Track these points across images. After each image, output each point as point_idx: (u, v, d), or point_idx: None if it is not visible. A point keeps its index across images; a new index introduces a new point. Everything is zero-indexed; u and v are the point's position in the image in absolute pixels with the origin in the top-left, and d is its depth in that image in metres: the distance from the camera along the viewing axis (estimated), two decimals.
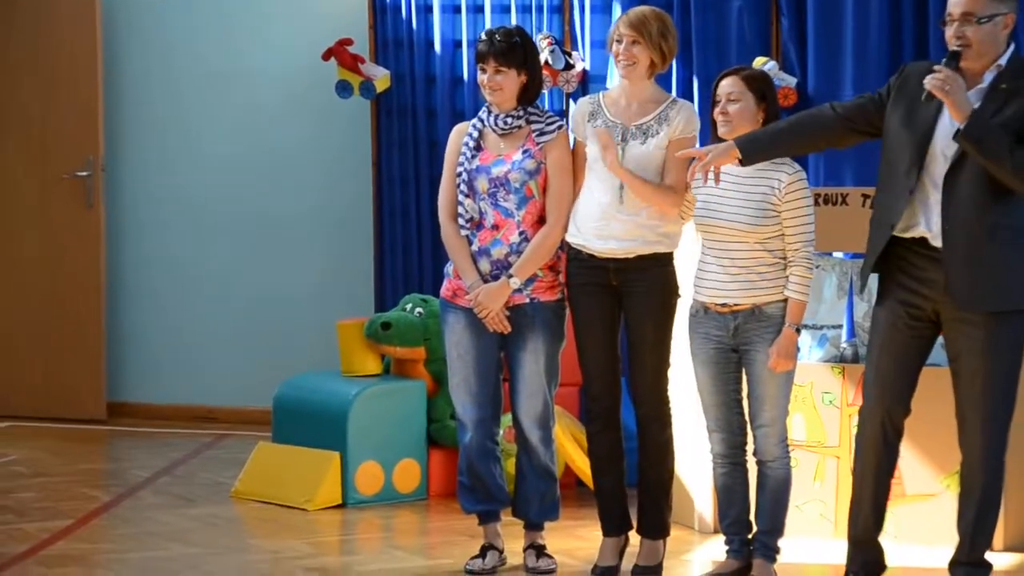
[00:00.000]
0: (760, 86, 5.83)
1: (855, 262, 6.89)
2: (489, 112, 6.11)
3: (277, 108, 9.53)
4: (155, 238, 9.81)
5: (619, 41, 5.92)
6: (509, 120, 6.07)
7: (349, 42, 8.94)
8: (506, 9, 8.84)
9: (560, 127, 6.08)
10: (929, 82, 5.30)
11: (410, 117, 9.02)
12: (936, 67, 5.32)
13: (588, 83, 8.63)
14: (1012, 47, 5.42)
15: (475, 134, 6.12)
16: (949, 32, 5.38)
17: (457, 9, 8.91)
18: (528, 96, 6.09)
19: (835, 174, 8.03)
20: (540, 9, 8.81)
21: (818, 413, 6.61)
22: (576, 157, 6.06)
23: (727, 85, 5.83)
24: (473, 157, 6.09)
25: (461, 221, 6.07)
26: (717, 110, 5.83)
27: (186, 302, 9.73)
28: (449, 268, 6.17)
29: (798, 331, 5.73)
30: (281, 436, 7.61)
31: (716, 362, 5.83)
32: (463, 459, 6.19)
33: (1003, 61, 5.38)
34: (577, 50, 8.74)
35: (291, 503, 7.29)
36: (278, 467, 7.48)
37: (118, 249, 9.82)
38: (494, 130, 6.09)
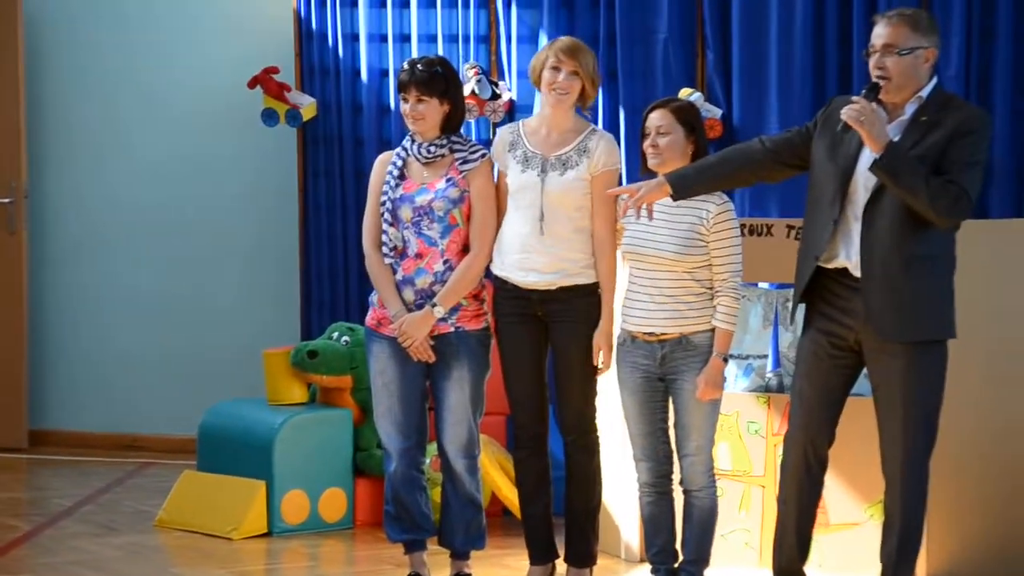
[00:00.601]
0: (689, 118, 5.87)
1: (780, 292, 6.95)
2: (413, 141, 6.12)
3: (204, 135, 9.48)
4: (79, 265, 9.74)
5: (556, 69, 5.94)
6: (432, 149, 6.08)
7: (275, 70, 8.92)
8: (433, 39, 8.85)
9: (483, 156, 6.10)
10: (846, 113, 5.34)
11: (336, 145, 9.01)
12: (855, 99, 5.38)
13: (515, 112, 8.65)
14: (935, 80, 5.49)
15: (399, 163, 6.12)
16: (871, 63, 5.45)
17: (384, 38, 8.92)
18: (451, 125, 6.10)
19: (760, 205, 8.09)
20: (467, 39, 8.83)
21: (743, 443, 6.65)
22: (500, 187, 6.08)
23: (657, 118, 5.86)
24: (397, 186, 6.09)
25: (385, 250, 6.07)
26: (647, 143, 5.85)
27: (110, 329, 9.66)
28: (374, 297, 6.16)
29: (725, 360, 5.77)
30: (206, 464, 7.57)
31: (643, 391, 5.85)
32: (388, 488, 6.18)
33: (924, 94, 5.43)
34: (504, 80, 8.77)
35: (216, 532, 7.24)
36: (203, 496, 7.43)
37: (41, 275, 9.74)
38: (418, 159, 6.10)
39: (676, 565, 5.92)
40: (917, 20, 5.43)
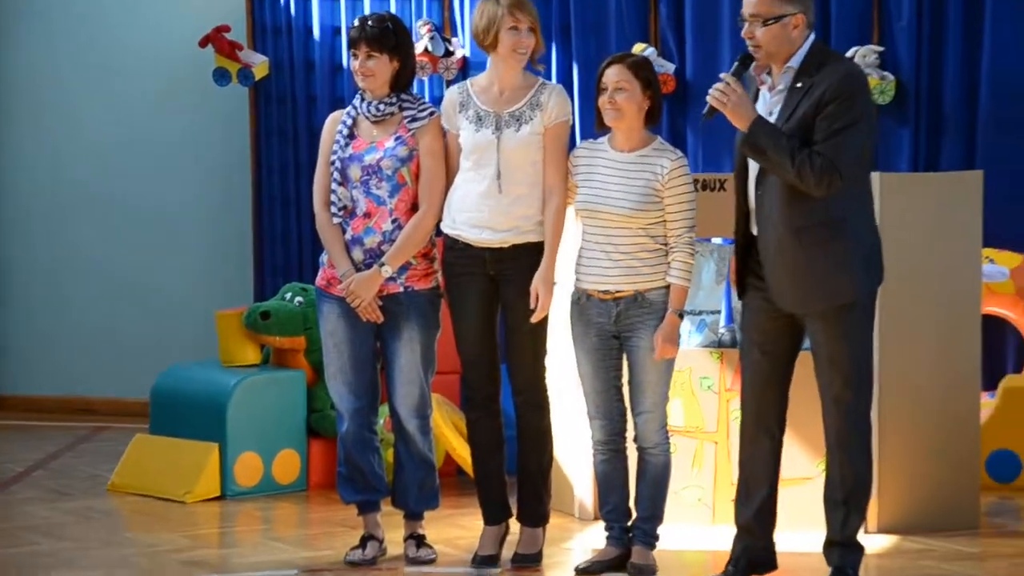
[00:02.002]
0: (646, 73, 5.82)
1: (733, 247, 6.92)
2: (363, 99, 6.07)
3: (155, 97, 9.43)
4: (30, 228, 9.68)
5: (515, 28, 5.86)
6: (382, 107, 6.03)
7: (226, 29, 8.86)
8: None
9: (432, 113, 6.05)
10: (710, 95, 5.34)
11: (289, 104, 8.96)
12: (722, 75, 5.36)
13: (468, 69, 8.61)
14: (808, 43, 5.39)
15: (349, 122, 6.07)
16: (742, 33, 5.41)
17: None
18: (401, 83, 6.05)
19: (713, 160, 8.08)
20: None
21: (696, 399, 6.64)
22: (448, 147, 6.03)
23: (613, 74, 5.79)
24: (346, 145, 6.04)
25: (334, 209, 6.03)
26: (604, 98, 5.79)
27: (62, 292, 9.60)
28: (324, 257, 6.13)
29: (681, 317, 5.75)
30: (159, 428, 7.53)
31: (598, 349, 5.83)
32: (341, 449, 6.15)
33: (793, 63, 5.37)
34: (457, 36, 8.72)
35: (169, 496, 7.21)
36: (156, 459, 7.39)
37: None
38: (367, 117, 6.05)
39: (630, 523, 5.91)
40: None
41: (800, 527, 6.13)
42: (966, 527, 6.51)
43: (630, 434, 5.90)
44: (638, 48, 8.05)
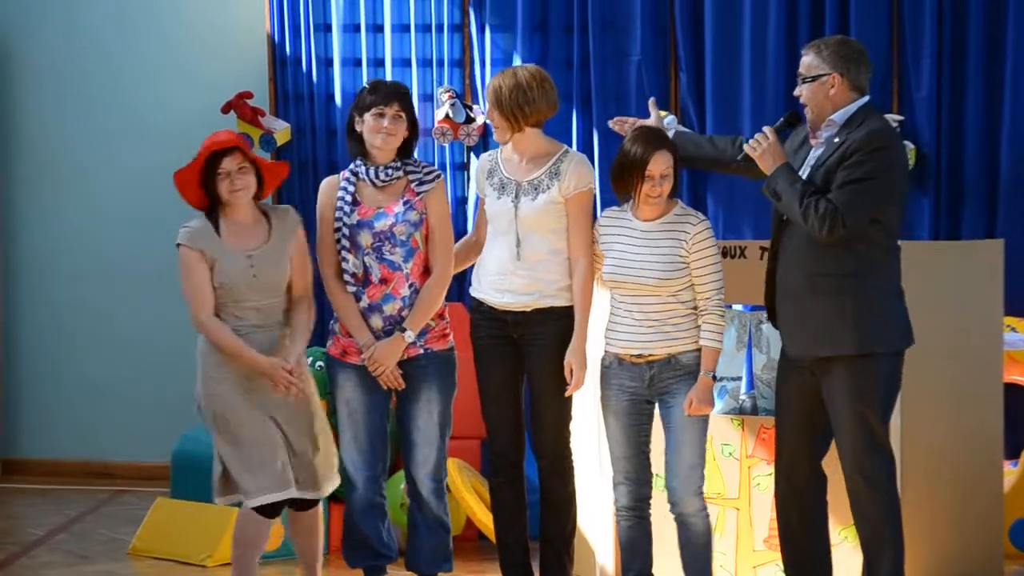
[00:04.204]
0: (678, 154, 5.83)
1: (754, 314, 6.94)
2: (365, 166, 6.07)
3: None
4: (51, 291, 9.70)
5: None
6: (389, 171, 6.04)
7: (249, 95, 8.91)
8: (407, 63, 8.85)
9: (438, 176, 6.08)
10: (747, 145, 5.62)
11: (311, 171, 8.99)
12: (764, 128, 5.62)
13: (488, 136, 8.65)
14: (859, 103, 5.61)
15: (350, 188, 6.07)
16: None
17: (358, 63, 8.92)
18: (407, 148, 6.08)
19: (734, 227, 8.10)
20: (441, 63, 8.83)
21: (718, 465, 6.63)
22: (480, 214, 6.06)
23: (663, 162, 5.72)
24: (351, 211, 6.04)
25: (346, 277, 6.01)
26: (651, 187, 5.71)
27: (82, 355, 9.61)
28: (335, 326, 6.12)
29: (714, 379, 5.75)
30: (180, 491, 7.53)
31: (629, 413, 5.81)
32: (348, 516, 6.16)
33: (836, 117, 5.59)
34: (478, 103, 8.76)
35: (190, 559, 7.20)
36: (177, 523, 7.39)
37: (13, 302, 9.70)
38: (373, 183, 6.05)
39: None
40: (820, 48, 5.63)
41: None
42: None
43: (659, 500, 5.87)
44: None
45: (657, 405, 5.80)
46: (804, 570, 5.74)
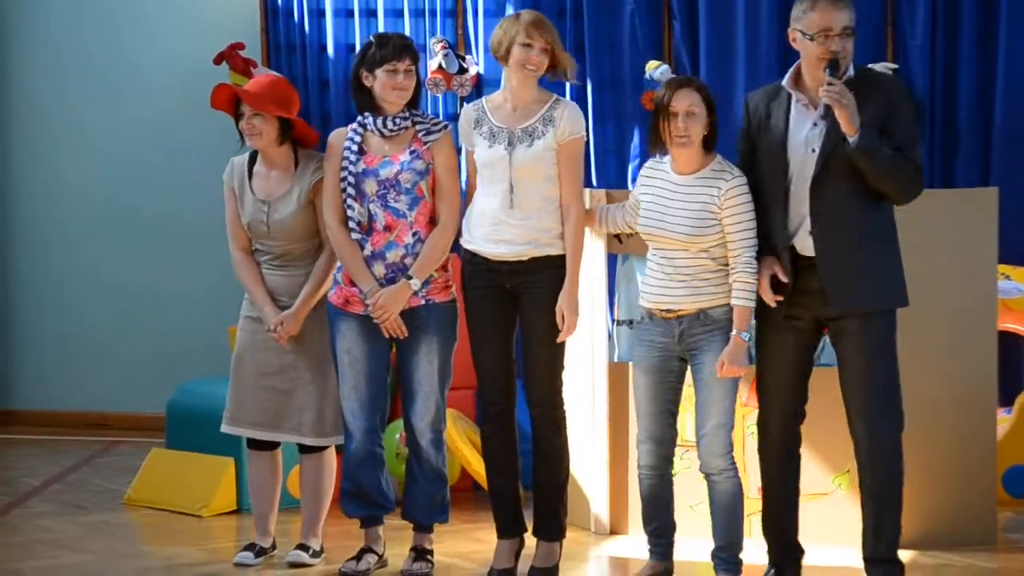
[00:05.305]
0: (711, 98, 5.70)
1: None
2: (373, 116, 6.06)
3: (171, 111, 9.45)
4: (46, 242, 9.70)
5: (527, 46, 5.88)
6: (398, 121, 6.04)
7: (241, 46, 8.85)
8: (399, 13, 8.82)
9: (445, 127, 6.08)
10: (826, 95, 5.35)
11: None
12: (828, 79, 5.36)
13: (482, 86, 8.63)
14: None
15: (357, 139, 6.06)
16: (828, 46, 5.42)
17: (350, 13, 8.89)
18: (414, 99, 6.08)
19: None
20: (433, 13, 8.80)
21: None
22: (467, 164, 6.05)
23: (686, 98, 5.61)
24: (358, 160, 6.04)
25: (351, 224, 6.02)
26: (676, 124, 5.61)
27: (77, 306, 9.62)
28: (338, 275, 6.12)
29: (747, 339, 5.66)
30: (175, 442, 7.54)
31: (658, 371, 5.74)
32: (346, 465, 6.18)
33: (851, 72, 5.49)
34: (471, 54, 8.74)
35: (185, 509, 7.23)
36: (172, 473, 7.41)
37: (8, 254, 9.69)
38: (381, 132, 6.05)
39: (672, 539, 5.87)
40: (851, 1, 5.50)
41: (818, 542, 6.12)
42: (983, 542, 6.51)
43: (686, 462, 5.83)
44: (652, 65, 8.03)
45: (687, 361, 5.75)
46: (771, 524, 5.75)
